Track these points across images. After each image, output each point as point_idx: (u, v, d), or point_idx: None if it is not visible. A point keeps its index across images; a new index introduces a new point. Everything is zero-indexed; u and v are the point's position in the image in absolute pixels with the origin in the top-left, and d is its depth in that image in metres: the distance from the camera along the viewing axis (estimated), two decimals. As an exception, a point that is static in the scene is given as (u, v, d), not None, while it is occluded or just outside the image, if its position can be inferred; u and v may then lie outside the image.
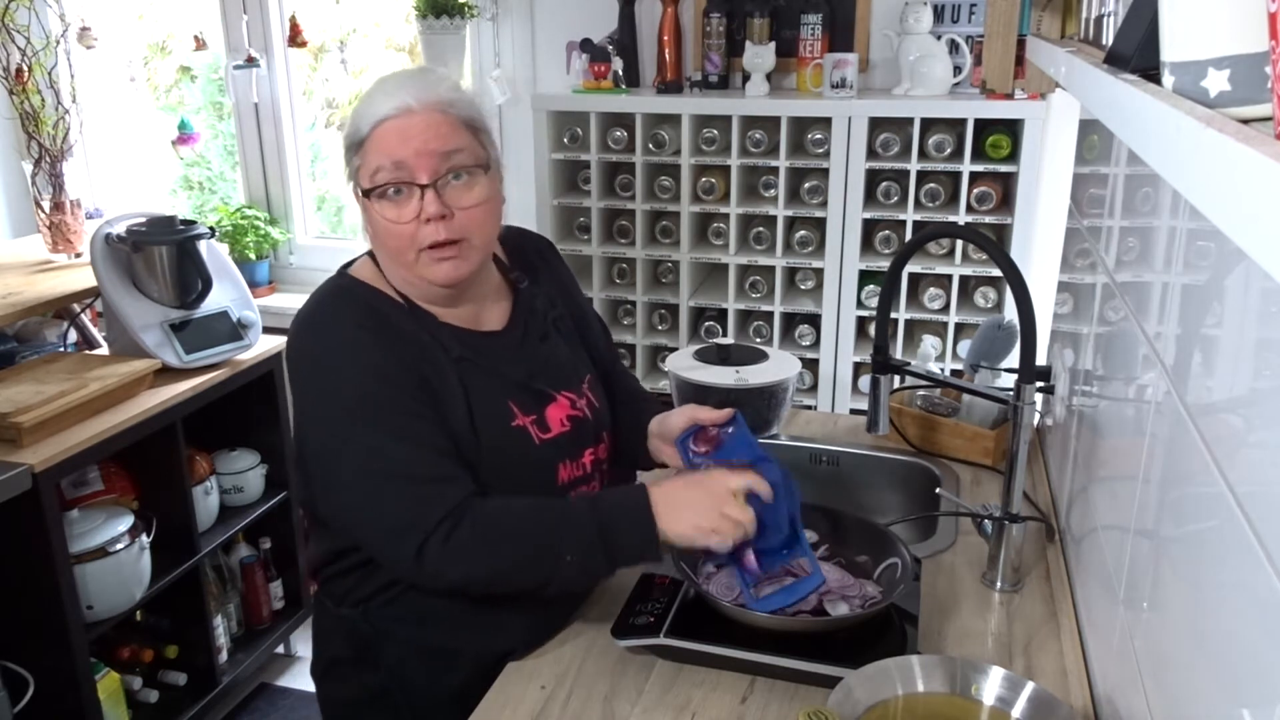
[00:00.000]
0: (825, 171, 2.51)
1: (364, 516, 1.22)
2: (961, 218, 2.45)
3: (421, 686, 1.34)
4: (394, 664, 1.33)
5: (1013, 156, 2.42)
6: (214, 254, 2.47)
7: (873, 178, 2.52)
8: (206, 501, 2.46)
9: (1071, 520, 1.49)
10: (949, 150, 2.43)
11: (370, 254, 1.33)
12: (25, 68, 2.81)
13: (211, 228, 2.45)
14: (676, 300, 2.73)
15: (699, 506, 1.21)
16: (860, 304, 2.59)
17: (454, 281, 1.26)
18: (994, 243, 1.47)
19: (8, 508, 1.89)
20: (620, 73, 2.73)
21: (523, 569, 1.22)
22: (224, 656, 2.58)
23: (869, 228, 2.56)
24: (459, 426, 1.25)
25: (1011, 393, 1.44)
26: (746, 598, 1.28)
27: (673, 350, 2.65)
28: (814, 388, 2.69)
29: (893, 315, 2.55)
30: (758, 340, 2.68)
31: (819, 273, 2.61)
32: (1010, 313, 2.28)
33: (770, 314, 2.68)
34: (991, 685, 1.11)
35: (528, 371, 1.34)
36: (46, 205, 2.72)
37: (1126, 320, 1.15)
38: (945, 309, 2.54)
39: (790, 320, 2.70)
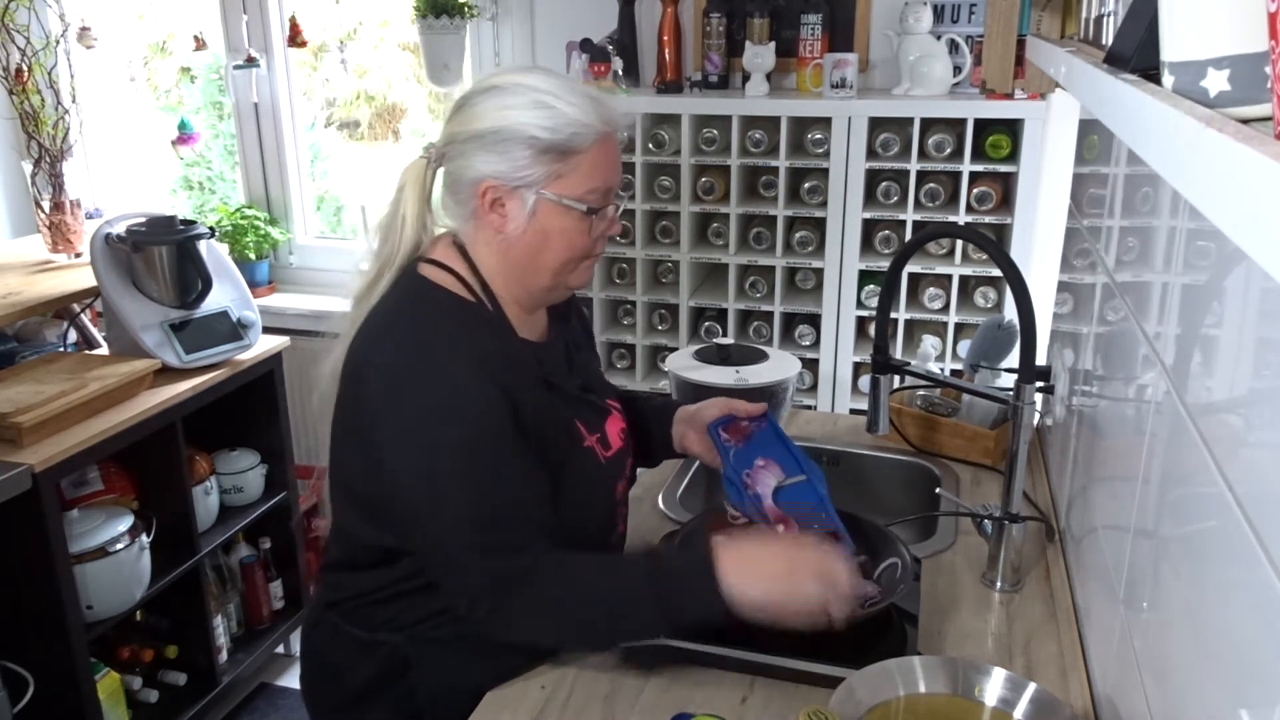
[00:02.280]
0: (825, 171, 2.51)
1: (443, 556, 1.21)
2: (961, 218, 2.44)
3: (455, 717, 1.28)
4: (430, 692, 1.29)
5: (1013, 156, 2.42)
6: (214, 254, 2.47)
7: (873, 178, 2.52)
8: (206, 501, 2.46)
9: (1071, 520, 1.49)
10: (949, 150, 2.43)
11: (439, 263, 1.26)
12: (25, 68, 2.81)
13: (211, 228, 2.45)
14: (676, 300, 2.73)
15: (780, 577, 1.17)
16: (860, 304, 2.59)
17: (585, 285, 1.36)
18: (994, 243, 1.47)
19: (8, 508, 1.89)
20: (620, 73, 2.73)
21: (582, 641, 1.25)
22: (224, 656, 2.58)
23: (869, 228, 2.56)
24: (541, 451, 1.23)
25: (1011, 393, 1.44)
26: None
27: (673, 350, 2.65)
28: (814, 388, 2.69)
29: (893, 315, 2.55)
30: (758, 340, 2.68)
31: (819, 273, 2.61)
32: (1010, 313, 2.28)
33: (770, 314, 2.68)
34: (993, 686, 1.11)
35: (582, 384, 1.34)
36: (46, 205, 2.72)
37: (1126, 320, 1.15)
38: (945, 309, 2.54)
39: (790, 320, 2.70)
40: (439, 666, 1.29)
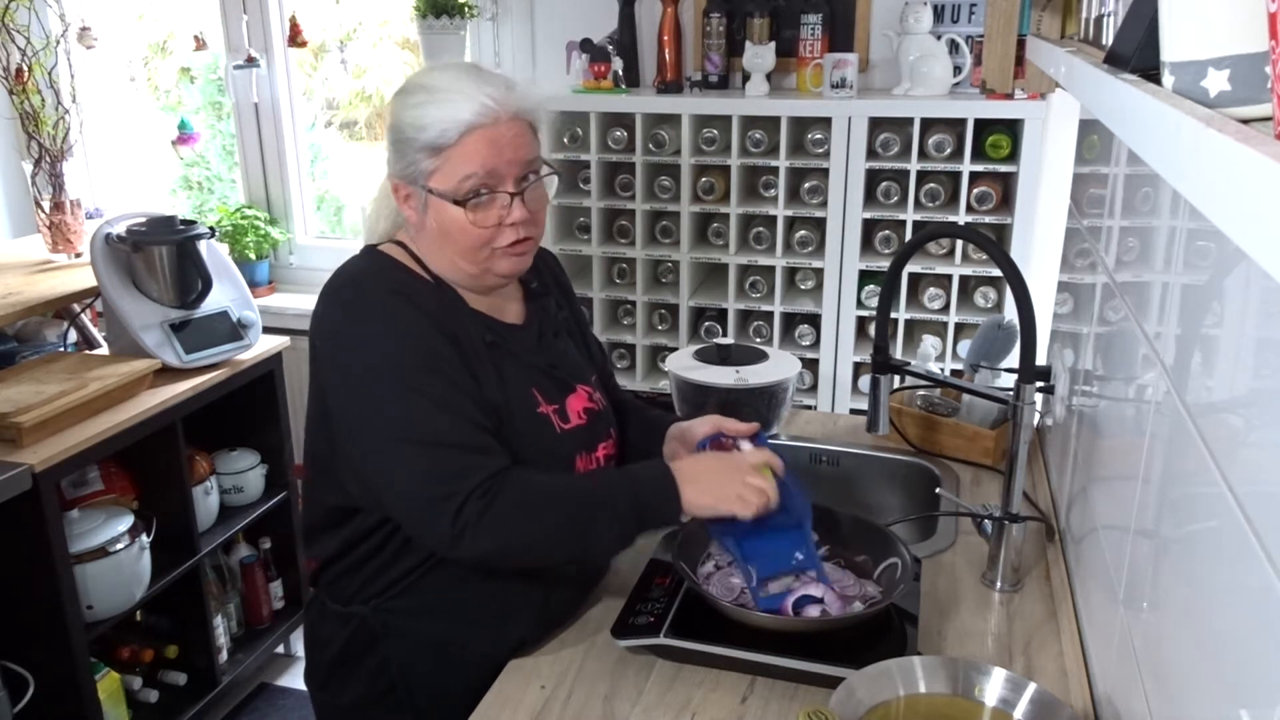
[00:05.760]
0: (825, 171, 2.51)
1: (401, 485, 1.21)
2: (961, 218, 2.45)
3: (428, 684, 1.33)
4: (402, 661, 1.33)
5: (1013, 156, 2.42)
6: (214, 254, 2.47)
7: (873, 178, 2.52)
8: (206, 501, 2.46)
9: (1071, 520, 1.49)
10: (949, 150, 2.43)
11: (397, 242, 1.32)
12: (25, 68, 2.81)
13: (211, 228, 2.45)
14: (676, 300, 2.73)
15: (720, 477, 1.26)
16: (860, 304, 2.59)
17: (518, 273, 1.32)
18: (994, 243, 1.47)
19: (8, 508, 1.89)
20: (620, 73, 2.73)
21: (560, 538, 1.24)
22: (224, 656, 2.58)
23: (869, 228, 2.56)
24: (491, 405, 1.26)
25: (1011, 393, 1.44)
26: (751, 592, 1.30)
27: (673, 350, 2.65)
28: (814, 388, 2.69)
29: (893, 315, 2.55)
30: (758, 340, 2.68)
31: (819, 273, 2.61)
32: (1010, 313, 2.28)
33: (770, 314, 2.68)
34: (993, 686, 1.11)
35: (548, 362, 1.36)
36: (46, 205, 2.72)
37: (1126, 320, 1.15)
38: (945, 309, 2.54)
39: (790, 320, 2.70)
40: (406, 636, 1.33)
